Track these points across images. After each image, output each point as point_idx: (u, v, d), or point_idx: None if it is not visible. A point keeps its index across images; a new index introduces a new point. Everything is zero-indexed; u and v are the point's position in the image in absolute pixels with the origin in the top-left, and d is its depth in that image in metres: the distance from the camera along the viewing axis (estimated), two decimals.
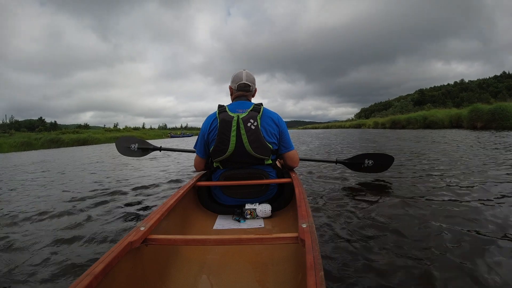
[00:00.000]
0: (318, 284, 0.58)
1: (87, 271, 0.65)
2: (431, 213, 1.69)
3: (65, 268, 1.23)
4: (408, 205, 1.86)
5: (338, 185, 2.60)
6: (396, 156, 3.67)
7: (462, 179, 2.55)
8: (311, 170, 3.49)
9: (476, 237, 1.33)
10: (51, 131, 31.32)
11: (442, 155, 4.29)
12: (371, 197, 2.15)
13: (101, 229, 1.69)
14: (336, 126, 42.61)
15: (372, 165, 2.66)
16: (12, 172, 5.41)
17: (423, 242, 1.32)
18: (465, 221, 1.53)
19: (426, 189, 2.28)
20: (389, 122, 22.84)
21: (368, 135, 12.49)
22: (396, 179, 2.73)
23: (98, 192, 2.80)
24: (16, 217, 2.09)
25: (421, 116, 18.17)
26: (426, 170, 3.11)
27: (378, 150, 5.65)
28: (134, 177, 3.77)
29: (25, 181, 4.02)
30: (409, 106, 54.51)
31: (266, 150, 1.45)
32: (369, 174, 2.89)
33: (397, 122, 21.17)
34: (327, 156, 5.24)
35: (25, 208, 2.36)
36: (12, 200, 2.75)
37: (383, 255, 1.21)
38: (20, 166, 6.70)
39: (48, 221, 1.95)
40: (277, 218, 1.45)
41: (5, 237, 1.64)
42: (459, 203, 1.84)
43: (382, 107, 71.12)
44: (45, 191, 3.15)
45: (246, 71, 1.58)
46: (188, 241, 0.89)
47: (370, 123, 28.92)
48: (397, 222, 1.58)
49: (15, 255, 1.41)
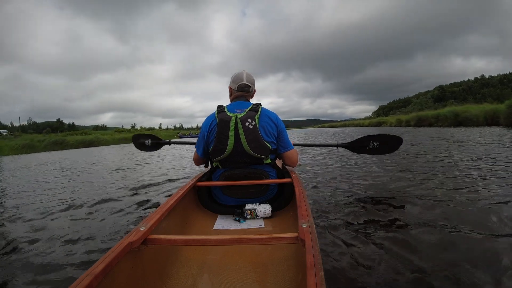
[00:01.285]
0: (318, 284, 0.58)
1: (87, 271, 0.65)
2: (436, 214, 1.69)
3: (64, 268, 1.23)
4: (413, 205, 1.86)
5: (338, 185, 2.60)
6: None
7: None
8: (310, 169, 3.49)
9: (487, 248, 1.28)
10: (58, 133, 30.72)
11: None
12: (372, 197, 2.15)
13: (101, 229, 1.69)
14: (354, 125, 39.59)
15: (378, 146, 2.44)
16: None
17: (423, 243, 1.32)
18: (474, 223, 1.53)
19: (436, 191, 2.27)
20: (414, 119, 20.40)
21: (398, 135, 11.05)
22: (396, 179, 2.74)
23: (97, 192, 2.80)
24: (13, 219, 2.09)
25: (452, 112, 16.32)
26: (431, 162, 3.10)
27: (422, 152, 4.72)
28: (134, 176, 3.78)
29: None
30: (429, 102, 52.63)
31: (265, 150, 1.45)
32: (370, 173, 2.89)
33: (424, 119, 18.95)
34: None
35: (25, 210, 2.37)
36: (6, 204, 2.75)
37: (383, 255, 1.22)
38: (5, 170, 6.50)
39: (48, 221, 1.95)
40: (277, 218, 1.45)
41: (2, 238, 1.64)
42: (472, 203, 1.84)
43: (401, 104, 69.46)
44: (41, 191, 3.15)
45: (246, 72, 1.58)
46: (188, 241, 0.89)
47: (392, 121, 26.37)
48: (399, 222, 1.58)
49: (15, 255, 1.41)
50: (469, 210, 1.71)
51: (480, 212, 1.67)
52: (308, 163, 4.20)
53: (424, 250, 1.24)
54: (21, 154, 16.03)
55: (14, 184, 4.03)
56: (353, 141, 2.53)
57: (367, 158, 4.14)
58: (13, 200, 2.85)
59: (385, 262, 1.16)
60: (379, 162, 3.75)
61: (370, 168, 3.42)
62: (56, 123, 59.12)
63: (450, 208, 1.76)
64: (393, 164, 3.58)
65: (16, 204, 2.58)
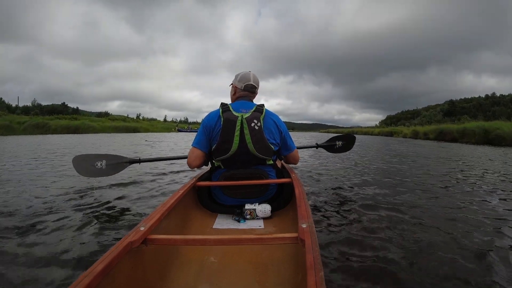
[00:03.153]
0: (318, 284, 0.58)
1: (87, 271, 0.65)
2: (436, 216, 1.69)
3: (64, 268, 1.23)
4: (412, 206, 1.87)
5: (338, 185, 2.60)
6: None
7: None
8: (311, 169, 3.49)
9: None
10: (68, 116, 28.19)
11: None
12: (372, 197, 2.15)
13: (101, 229, 1.69)
14: (362, 132, 36.30)
15: (342, 145, 2.87)
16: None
17: (424, 243, 1.32)
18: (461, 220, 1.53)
19: (437, 194, 2.27)
20: (435, 132, 17.28)
21: (425, 149, 8.43)
22: (397, 179, 2.74)
23: (96, 192, 2.79)
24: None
25: (481, 128, 14.01)
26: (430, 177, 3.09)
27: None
28: (133, 177, 3.77)
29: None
30: (438, 116, 51.44)
31: (269, 151, 1.45)
32: (370, 171, 2.90)
33: (447, 133, 16.14)
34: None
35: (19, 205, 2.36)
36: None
37: (383, 255, 1.22)
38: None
39: (46, 222, 1.94)
40: (277, 218, 1.45)
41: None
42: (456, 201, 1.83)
43: (409, 115, 68.02)
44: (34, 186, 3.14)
45: (252, 72, 1.58)
46: (188, 241, 0.89)
47: (407, 132, 22.55)
48: (398, 222, 1.58)
49: (14, 255, 1.41)
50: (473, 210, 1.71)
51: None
52: (308, 163, 4.21)
53: (425, 250, 1.24)
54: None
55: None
56: (327, 141, 2.90)
57: (367, 158, 4.15)
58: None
59: (386, 262, 1.16)
60: (379, 162, 3.76)
61: (371, 169, 3.42)
62: (61, 107, 57.09)
63: (454, 210, 1.77)
64: (393, 165, 3.58)
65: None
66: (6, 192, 2.58)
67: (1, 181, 3.08)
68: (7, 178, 3.22)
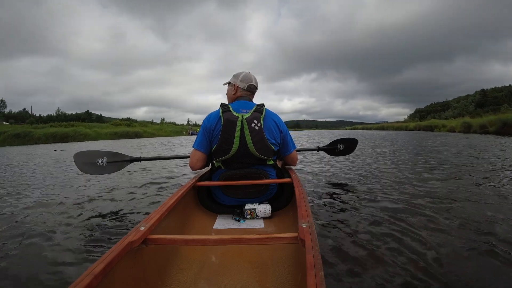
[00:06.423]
0: (318, 284, 0.58)
1: (87, 271, 0.65)
2: (444, 219, 1.66)
3: (64, 268, 1.23)
4: (412, 206, 1.86)
5: (338, 185, 2.60)
6: None
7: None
8: (311, 169, 3.49)
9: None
10: (64, 123, 26.20)
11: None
12: (372, 197, 2.15)
13: (101, 229, 1.69)
14: (393, 127, 32.35)
15: (343, 148, 2.97)
16: None
17: (424, 242, 1.32)
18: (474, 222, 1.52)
19: (438, 193, 2.27)
20: (497, 124, 13.73)
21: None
22: (396, 179, 2.74)
23: (96, 192, 2.79)
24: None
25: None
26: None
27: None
28: (134, 177, 3.77)
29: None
30: (470, 107, 48.74)
31: (269, 151, 1.46)
32: (370, 173, 2.90)
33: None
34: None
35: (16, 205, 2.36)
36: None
37: (383, 255, 1.21)
38: None
39: (46, 222, 1.94)
40: (277, 218, 1.45)
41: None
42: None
43: (439, 107, 65.10)
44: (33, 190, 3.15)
45: (251, 73, 1.61)
46: (188, 241, 0.89)
47: (454, 125, 18.88)
48: (399, 222, 1.58)
49: (13, 255, 1.41)
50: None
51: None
52: (307, 163, 4.20)
53: (426, 250, 1.24)
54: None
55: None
56: (328, 144, 2.98)
57: (368, 158, 4.15)
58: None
59: (386, 262, 1.15)
60: (379, 163, 3.76)
61: (370, 169, 3.42)
62: (85, 114, 57.17)
63: (459, 211, 1.76)
64: (393, 165, 3.58)
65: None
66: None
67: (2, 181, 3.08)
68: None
